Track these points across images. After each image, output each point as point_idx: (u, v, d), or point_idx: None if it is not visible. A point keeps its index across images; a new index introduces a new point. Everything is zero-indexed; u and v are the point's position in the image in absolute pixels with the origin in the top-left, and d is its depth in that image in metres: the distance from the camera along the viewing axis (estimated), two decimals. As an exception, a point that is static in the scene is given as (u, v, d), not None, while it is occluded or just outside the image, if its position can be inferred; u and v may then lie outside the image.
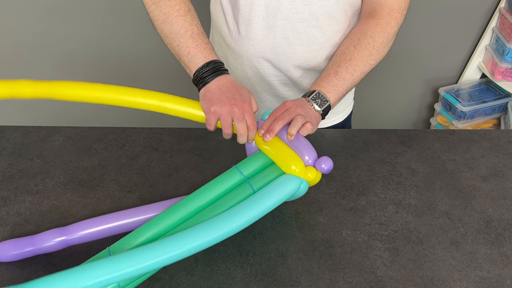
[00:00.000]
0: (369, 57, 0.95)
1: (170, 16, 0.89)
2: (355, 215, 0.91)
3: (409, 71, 2.00)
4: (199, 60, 0.87)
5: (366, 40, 0.95)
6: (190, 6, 0.92)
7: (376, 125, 2.15)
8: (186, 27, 0.89)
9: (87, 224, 0.82)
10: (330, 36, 1.00)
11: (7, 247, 0.80)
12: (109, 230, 0.82)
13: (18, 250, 0.80)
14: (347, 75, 0.93)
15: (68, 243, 0.81)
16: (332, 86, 0.92)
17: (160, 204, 0.84)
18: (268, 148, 0.85)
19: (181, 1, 0.91)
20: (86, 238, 0.82)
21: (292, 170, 0.81)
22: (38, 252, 0.81)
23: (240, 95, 0.85)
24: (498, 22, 1.82)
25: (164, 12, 0.90)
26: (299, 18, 0.96)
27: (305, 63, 1.04)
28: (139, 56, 1.90)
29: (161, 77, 1.92)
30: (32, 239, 0.81)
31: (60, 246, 0.81)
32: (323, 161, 0.82)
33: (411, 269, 0.81)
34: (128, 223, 0.82)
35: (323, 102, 0.91)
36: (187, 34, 0.88)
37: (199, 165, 1.02)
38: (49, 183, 0.97)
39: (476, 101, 1.91)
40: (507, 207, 0.93)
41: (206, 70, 0.87)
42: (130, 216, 0.82)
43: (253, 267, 0.81)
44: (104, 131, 1.10)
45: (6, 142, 1.07)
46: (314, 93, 0.91)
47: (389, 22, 0.96)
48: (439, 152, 1.06)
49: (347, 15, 0.99)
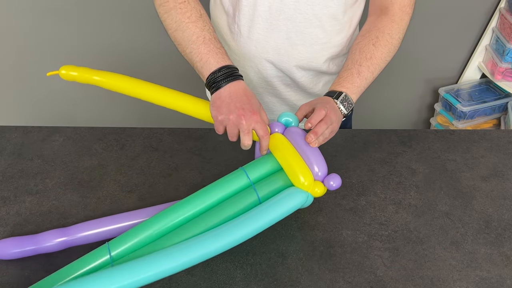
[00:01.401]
0: (387, 55, 0.95)
1: (181, 24, 0.89)
2: (355, 215, 0.91)
3: (409, 71, 2.00)
4: (212, 65, 0.86)
5: (384, 38, 0.94)
6: (201, 12, 0.91)
7: (376, 125, 2.15)
8: (198, 33, 0.88)
9: (88, 225, 0.82)
10: (332, 36, 1.01)
11: (8, 245, 0.81)
12: (110, 232, 0.82)
13: (19, 249, 0.80)
14: (368, 74, 0.93)
15: (69, 244, 0.82)
16: (356, 87, 0.91)
17: (161, 207, 0.84)
18: (280, 154, 0.83)
19: (192, 7, 0.90)
20: (87, 240, 0.82)
21: (300, 182, 0.79)
22: (38, 251, 0.81)
23: (250, 105, 0.82)
24: (498, 22, 1.82)
25: (175, 20, 0.90)
26: (302, 18, 0.96)
27: (307, 64, 1.04)
28: (143, 56, 1.90)
29: (164, 77, 1.92)
30: (34, 238, 0.81)
31: (61, 247, 0.81)
32: (332, 178, 0.80)
33: (411, 269, 0.81)
34: (130, 226, 0.82)
35: (349, 105, 0.90)
36: (199, 40, 0.87)
37: (199, 165, 1.02)
38: (49, 183, 0.97)
39: (476, 101, 1.91)
40: (507, 207, 0.93)
41: (220, 74, 0.85)
42: (131, 219, 0.83)
43: (253, 267, 0.81)
44: (104, 131, 1.10)
45: (6, 142, 1.07)
46: (342, 95, 0.89)
47: (403, 18, 0.96)
48: (439, 152, 1.06)
49: (349, 15, 1.00)
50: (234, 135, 0.83)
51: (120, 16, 1.78)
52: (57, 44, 1.85)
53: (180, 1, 0.90)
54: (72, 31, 1.82)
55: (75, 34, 1.82)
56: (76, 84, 1.97)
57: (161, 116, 2.05)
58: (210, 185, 0.82)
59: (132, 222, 0.82)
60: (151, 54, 1.88)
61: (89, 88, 1.99)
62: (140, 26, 1.81)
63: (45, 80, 1.96)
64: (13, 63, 1.91)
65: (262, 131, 0.82)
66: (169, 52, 1.86)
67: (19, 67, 1.92)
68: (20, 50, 1.87)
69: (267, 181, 0.82)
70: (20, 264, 0.82)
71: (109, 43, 1.86)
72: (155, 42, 1.84)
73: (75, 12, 1.77)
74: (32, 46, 1.85)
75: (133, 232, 0.77)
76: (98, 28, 1.82)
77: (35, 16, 1.77)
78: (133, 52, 1.88)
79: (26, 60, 1.90)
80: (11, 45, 1.85)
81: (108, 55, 1.89)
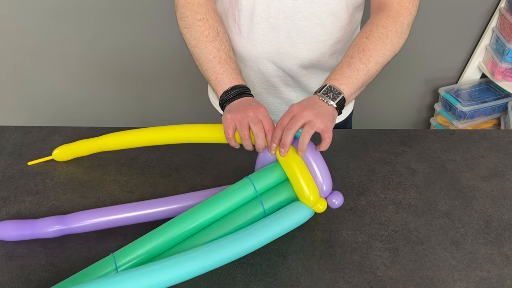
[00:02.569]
0: (383, 47, 0.91)
1: (199, 42, 0.94)
2: (355, 215, 0.91)
3: (409, 71, 2.00)
4: (225, 85, 0.91)
5: (378, 30, 0.92)
6: (219, 29, 0.95)
7: (376, 125, 2.15)
8: (215, 53, 0.93)
9: (85, 215, 0.84)
10: (332, 33, 1.00)
11: (8, 227, 0.84)
12: (107, 222, 0.84)
13: (18, 232, 0.83)
14: (361, 66, 0.89)
15: (65, 232, 0.84)
16: (345, 77, 0.88)
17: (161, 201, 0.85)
18: (288, 167, 0.82)
19: (210, 26, 0.94)
20: (84, 229, 0.84)
21: (306, 198, 0.81)
22: (36, 236, 0.84)
23: (256, 103, 0.87)
24: (498, 22, 1.82)
25: (194, 37, 0.94)
26: (301, 16, 0.96)
27: (308, 62, 1.04)
28: (143, 56, 1.89)
29: (164, 77, 1.92)
30: (33, 223, 0.84)
31: (57, 234, 0.84)
32: (334, 196, 0.83)
33: (411, 269, 0.81)
34: (126, 218, 0.84)
35: (336, 95, 0.86)
36: (215, 60, 0.92)
37: (199, 165, 1.02)
38: (49, 183, 0.97)
39: (476, 101, 1.91)
40: (507, 207, 0.93)
41: (231, 93, 0.90)
42: (128, 211, 0.84)
43: (253, 267, 0.81)
44: (104, 131, 1.10)
45: (6, 142, 1.07)
46: (325, 87, 0.87)
47: (401, 12, 0.94)
48: (439, 152, 1.06)
49: (349, 12, 0.99)
50: (244, 129, 0.83)
51: (120, 16, 1.78)
52: (57, 44, 1.85)
53: (199, 18, 0.94)
54: (72, 31, 1.81)
55: (75, 34, 1.82)
56: (76, 84, 1.98)
57: (161, 116, 2.05)
58: (216, 195, 0.82)
59: (129, 214, 0.84)
60: (151, 54, 1.88)
61: (89, 88, 2.00)
62: (141, 26, 1.81)
63: (45, 80, 1.96)
64: (13, 63, 1.90)
65: (267, 125, 0.84)
66: (169, 52, 1.86)
67: (19, 67, 1.92)
68: (20, 50, 1.87)
69: (273, 192, 0.83)
70: (20, 264, 0.82)
71: (109, 43, 1.86)
72: (155, 42, 1.84)
73: (75, 12, 1.77)
74: (32, 46, 1.85)
75: (139, 243, 0.76)
76: (98, 28, 1.82)
77: (35, 16, 1.77)
78: (133, 52, 1.88)
79: (26, 60, 1.90)
80: (11, 45, 1.85)
81: (108, 55, 1.89)
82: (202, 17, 0.94)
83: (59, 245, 0.85)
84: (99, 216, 0.84)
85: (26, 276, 0.80)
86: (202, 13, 0.94)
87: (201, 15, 0.94)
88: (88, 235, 0.86)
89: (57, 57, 1.89)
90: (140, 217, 0.85)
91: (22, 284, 0.78)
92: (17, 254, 0.83)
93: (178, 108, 2.01)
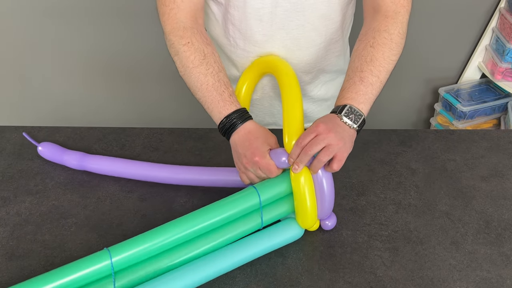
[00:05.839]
0: (390, 53, 0.87)
1: (187, 69, 0.90)
2: (355, 215, 0.91)
3: (409, 71, 1.99)
4: (216, 117, 0.87)
5: (382, 36, 0.88)
6: (206, 51, 0.90)
7: (376, 125, 2.14)
8: (202, 80, 0.88)
9: (107, 160, 0.99)
10: (327, 35, 0.99)
11: (47, 149, 1.01)
12: (125, 172, 0.97)
13: (51, 155, 1.00)
14: (373, 79, 0.85)
15: (86, 168, 0.99)
16: (361, 95, 0.84)
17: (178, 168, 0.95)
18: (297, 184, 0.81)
19: (196, 49, 0.89)
20: (101, 171, 0.99)
21: (303, 223, 0.83)
22: (61, 162, 1.00)
23: (251, 151, 0.82)
24: (498, 22, 1.82)
25: (182, 65, 0.90)
26: (294, 25, 0.95)
27: (307, 66, 1.03)
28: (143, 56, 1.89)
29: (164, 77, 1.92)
30: (63, 152, 1.00)
31: (79, 167, 0.99)
32: (328, 218, 0.86)
33: (411, 269, 0.81)
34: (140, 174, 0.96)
35: (357, 117, 0.82)
36: (203, 87, 0.88)
37: (199, 165, 1.02)
38: (49, 183, 0.97)
39: (476, 101, 1.91)
40: (507, 207, 0.93)
41: (221, 127, 0.87)
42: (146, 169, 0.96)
43: (253, 267, 0.81)
44: (104, 131, 1.10)
45: (6, 142, 1.07)
46: (346, 108, 0.82)
47: (398, 11, 0.90)
48: (439, 152, 1.06)
49: (342, 11, 0.97)
50: (256, 181, 0.86)
51: (120, 16, 1.78)
52: (57, 44, 1.85)
53: (184, 42, 0.89)
54: (72, 31, 1.81)
55: (75, 34, 1.82)
56: (76, 85, 1.98)
57: (161, 116, 2.05)
58: (220, 201, 0.81)
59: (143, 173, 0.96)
60: (151, 54, 1.88)
61: (89, 88, 2.00)
62: (141, 27, 1.80)
63: (45, 80, 1.96)
64: (13, 63, 1.90)
65: (266, 174, 0.83)
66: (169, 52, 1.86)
67: (19, 67, 1.92)
68: (20, 50, 1.87)
69: (275, 205, 0.84)
70: (20, 264, 0.82)
71: (109, 44, 1.86)
72: (155, 42, 1.83)
73: (75, 12, 1.76)
74: (32, 46, 1.85)
75: (135, 240, 0.76)
76: (99, 28, 1.81)
77: (35, 16, 1.77)
78: (133, 52, 1.88)
79: (26, 60, 1.90)
80: (11, 45, 1.85)
81: (108, 55, 1.89)
82: (187, 41, 0.89)
83: (59, 245, 0.85)
84: (118, 162, 0.97)
85: (26, 276, 0.80)
86: (187, 37, 0.90)
87: (185, 39, 0.89)
88: (88, 235, 0.86)
89: (57, 57, 1.89)
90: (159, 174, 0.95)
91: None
92: (17, 254, 0.83)
93: (178, 108, 2.01)
